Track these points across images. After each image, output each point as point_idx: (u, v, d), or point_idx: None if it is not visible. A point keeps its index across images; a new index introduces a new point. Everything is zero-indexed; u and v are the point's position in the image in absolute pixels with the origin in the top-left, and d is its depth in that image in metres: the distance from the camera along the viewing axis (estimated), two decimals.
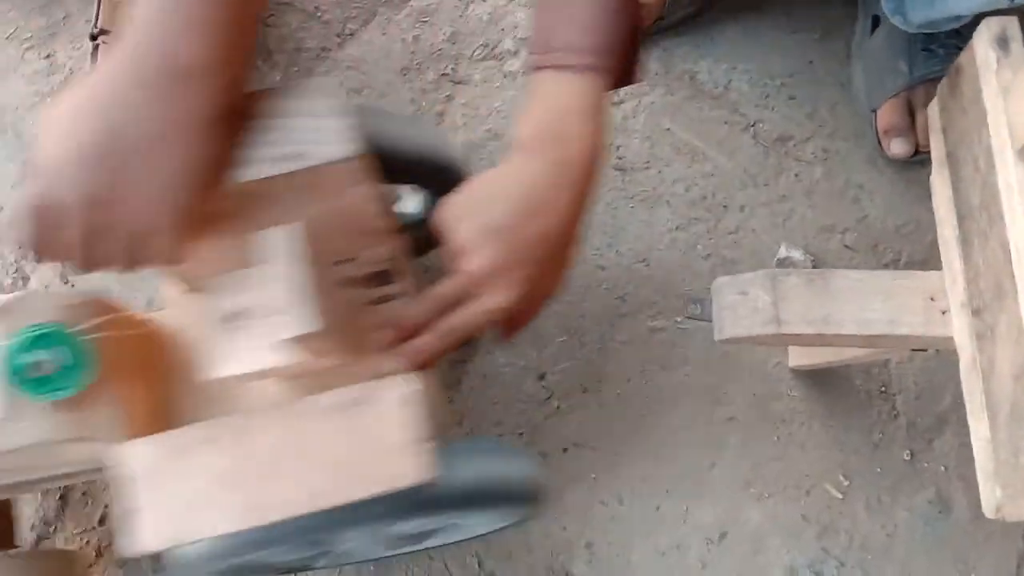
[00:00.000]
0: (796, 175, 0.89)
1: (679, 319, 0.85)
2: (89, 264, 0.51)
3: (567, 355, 0.85)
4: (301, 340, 0.50)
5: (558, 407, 0.84)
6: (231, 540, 0.52)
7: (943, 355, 0.85)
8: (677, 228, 0.88)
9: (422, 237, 0.66)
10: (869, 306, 0.61)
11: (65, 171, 0.48)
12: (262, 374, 0.52)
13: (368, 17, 0.95)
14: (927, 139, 0.86)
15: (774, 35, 0.94)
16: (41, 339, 0.52)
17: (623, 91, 0.92)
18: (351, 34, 0.95)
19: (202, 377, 0.57)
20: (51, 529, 0.80)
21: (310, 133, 0.52)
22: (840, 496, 0.81)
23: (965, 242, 0.60)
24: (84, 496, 0.81)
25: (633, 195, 0.89)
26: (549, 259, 0.55)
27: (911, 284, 0.62)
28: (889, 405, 0.84)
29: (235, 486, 0.49)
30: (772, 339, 0.62)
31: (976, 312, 0.59)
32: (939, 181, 0.64)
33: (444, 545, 0.76)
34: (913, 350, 0.68)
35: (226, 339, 0.52)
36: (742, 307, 0.61)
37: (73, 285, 0.86)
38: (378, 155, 0.55)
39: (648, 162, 0.90)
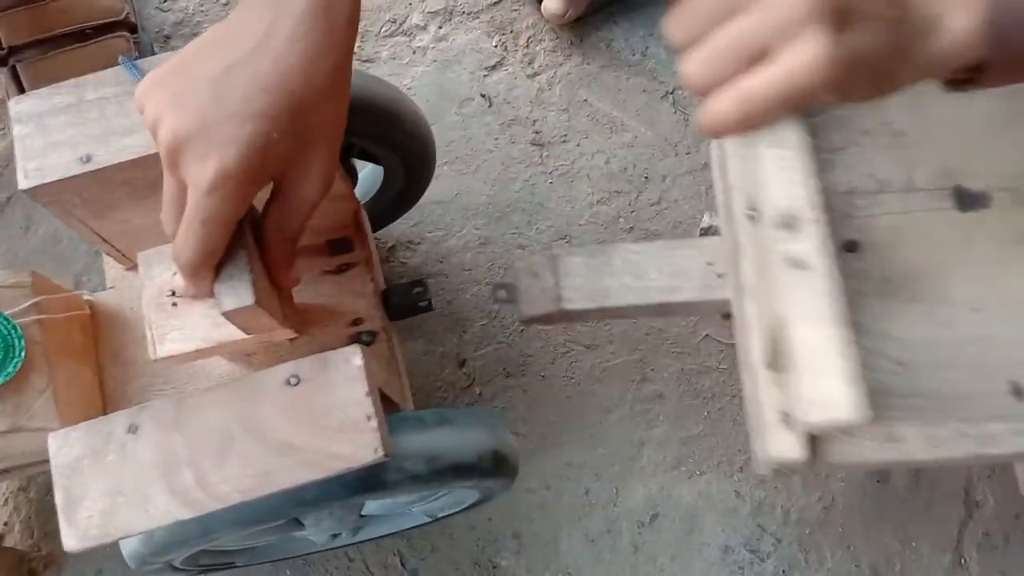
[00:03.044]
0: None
1: None
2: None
3: (488, 339, 0.82)
4: (236, 315, 0.44)
5: (480, 393, 0.80)
6: (167, 533, 0.48)
7: None
8: (598, 202, 0.85)
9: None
10: (647, 276, 0.60)
11: None
12: (204, 352, 0.47)
13: None
14: None
15: None
16: None
17: (538, 63, 0.88)
18: None
19: (146, 357, 0.52)
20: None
21: None
22: None
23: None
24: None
25: (552, 170, 0.86)
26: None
27: (691, 252, 0.61)
28: None
29: (170, 474, 0.44)
30: (563, 316, 0.61)
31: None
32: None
33: (413, 528, 0.73)
34: (723, 316, 0.66)
35: (165, 316, 0.47)
36: (534, 288, 0.60)
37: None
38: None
39: (566, 135, 0.87)
